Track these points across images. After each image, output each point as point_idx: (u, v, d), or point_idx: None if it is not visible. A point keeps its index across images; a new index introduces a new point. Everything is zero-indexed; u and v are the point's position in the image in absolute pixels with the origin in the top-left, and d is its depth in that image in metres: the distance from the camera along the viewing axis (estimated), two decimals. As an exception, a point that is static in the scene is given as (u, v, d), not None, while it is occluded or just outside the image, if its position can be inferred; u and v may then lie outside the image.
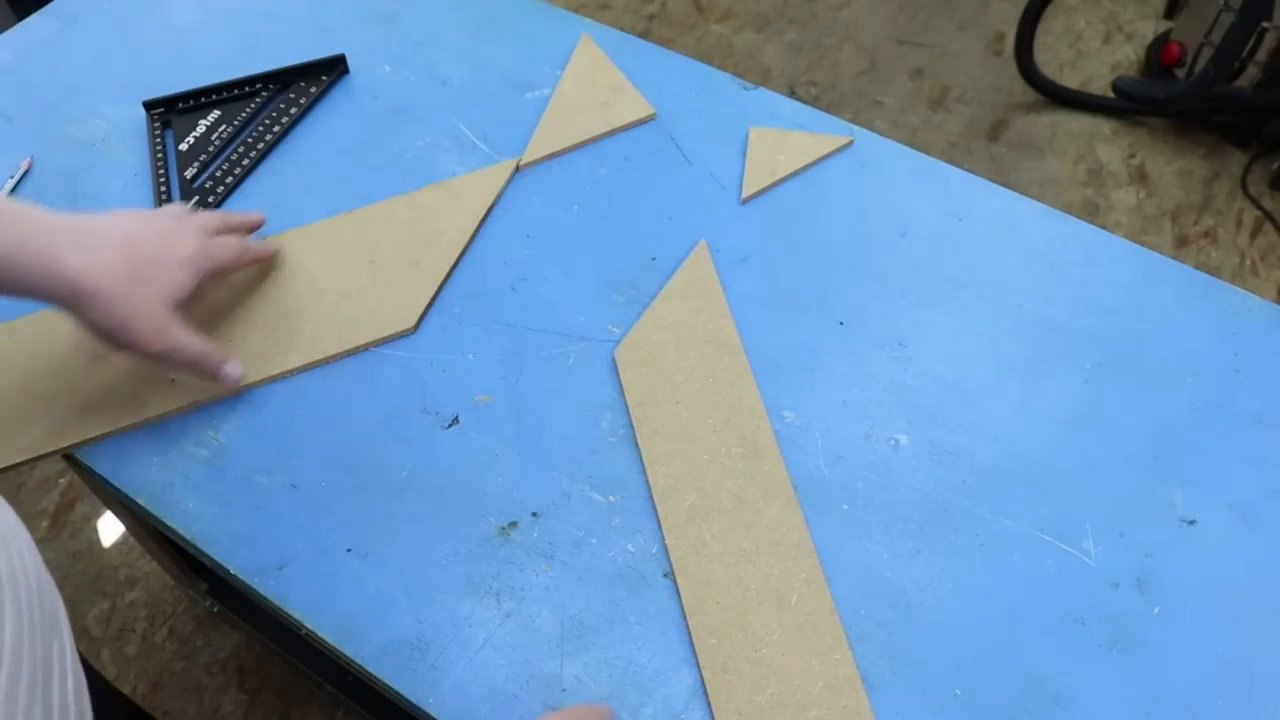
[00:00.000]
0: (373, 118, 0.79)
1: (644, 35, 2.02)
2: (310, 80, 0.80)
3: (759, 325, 0.65)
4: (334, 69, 0.81)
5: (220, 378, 0.59)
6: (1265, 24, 1.59)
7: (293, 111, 0.78)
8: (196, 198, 0.72)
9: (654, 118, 0.78)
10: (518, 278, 0.68)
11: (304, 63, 0.80)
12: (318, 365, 0.63)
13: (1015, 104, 1.92)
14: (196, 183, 0.73)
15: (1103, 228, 0.70)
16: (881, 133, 0.77)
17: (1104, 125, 1.87)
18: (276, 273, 0.68)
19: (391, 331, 0.64)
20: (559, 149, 0.75)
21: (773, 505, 0.56)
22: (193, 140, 0.76)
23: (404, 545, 0.56)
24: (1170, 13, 2.01)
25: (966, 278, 0.67)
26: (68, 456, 0.60)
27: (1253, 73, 1.68)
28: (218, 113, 0.78)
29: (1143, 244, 0.69)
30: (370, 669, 0.51)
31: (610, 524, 0.56)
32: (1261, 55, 1.65)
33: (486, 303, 0.67)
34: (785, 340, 0.64)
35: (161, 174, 0.74)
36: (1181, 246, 1.68)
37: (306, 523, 0.56)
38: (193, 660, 1.24)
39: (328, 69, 0.81)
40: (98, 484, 0.61)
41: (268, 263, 0.67)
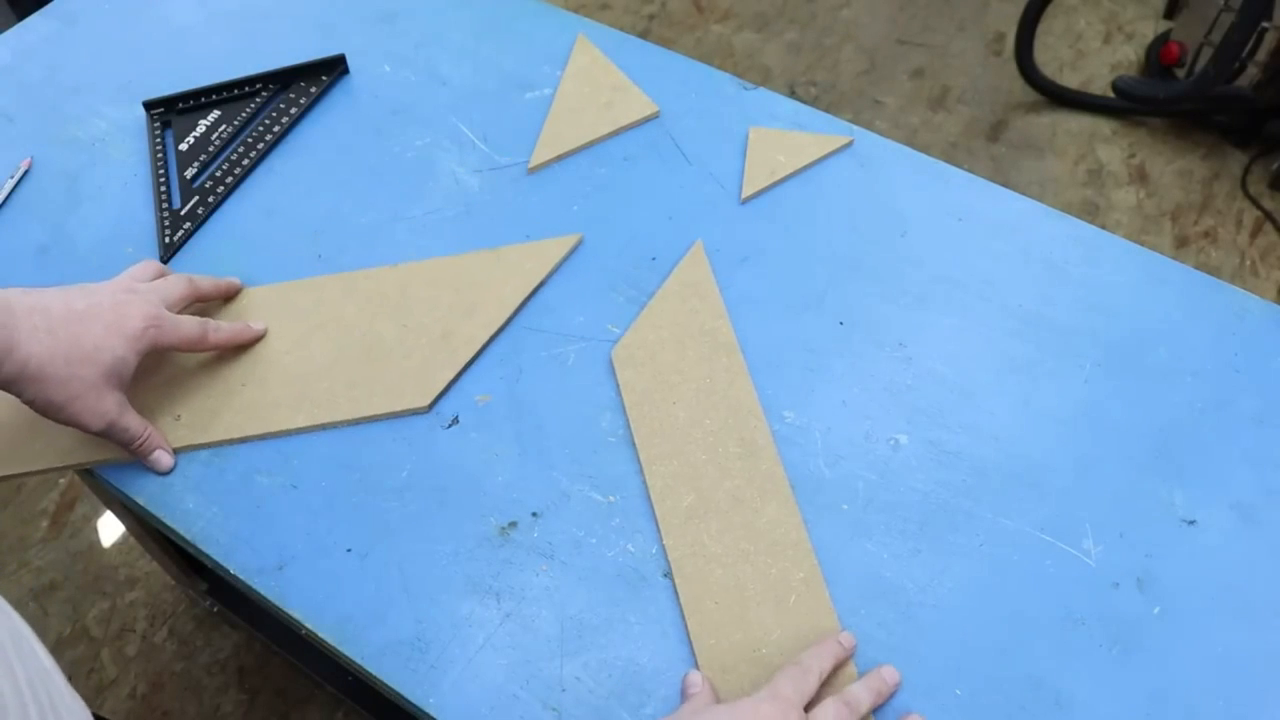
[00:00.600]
0: (373, 118, 0.79)
1: (644, 35, 2.02)
2: (310, 80, 0.80)
3: (759, 325, 0.65)
4: (334, 69, 0.81)
5: (149, 464, 0.58)
6: (1265, 24, 1.59)
7: (293, 111, 0.78)
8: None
9: (658, 115, 0.78)
10: (518, 278, 0.68)
11: (304, 63, 0.80)
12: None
13: (1015, 104, 1.92)
14: (196, 183, 0.73)
15: (1103, 228, 0.70)
16: (881, 133, 0.77)
17: (1104, 125, 1.87)
18: (303, 316, 0.65)
19: (404, 407, 0.60)
20: (566, 150, 0.75)
21: (770, 505, 0.56)
22: (193, 140, 0.76)
23: (404, 545, 0.56)
24: (1170, 13, 2.01)
25: (966, 278, 0.67)
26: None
27: (1253, 73, 1.68)
28: (218, 113, 0.78)
29: (1143, 244, 0.69)
30: (370, 669, 0.51)
31: (610, 524, 0.56)
32: (1261, 55, 1.65)
33: (486, 303, 0.66)
34: (785, 340, 0.64)
35: (161, 174, 0.74)
36: (1181, 246, 1.68)
37: (306, 523, 0.56)
38: (193, 660, 1.24)
39: (328, 69, 0.81)
40: (98, 484, 0.61)
41: (243, 343, 0.63)
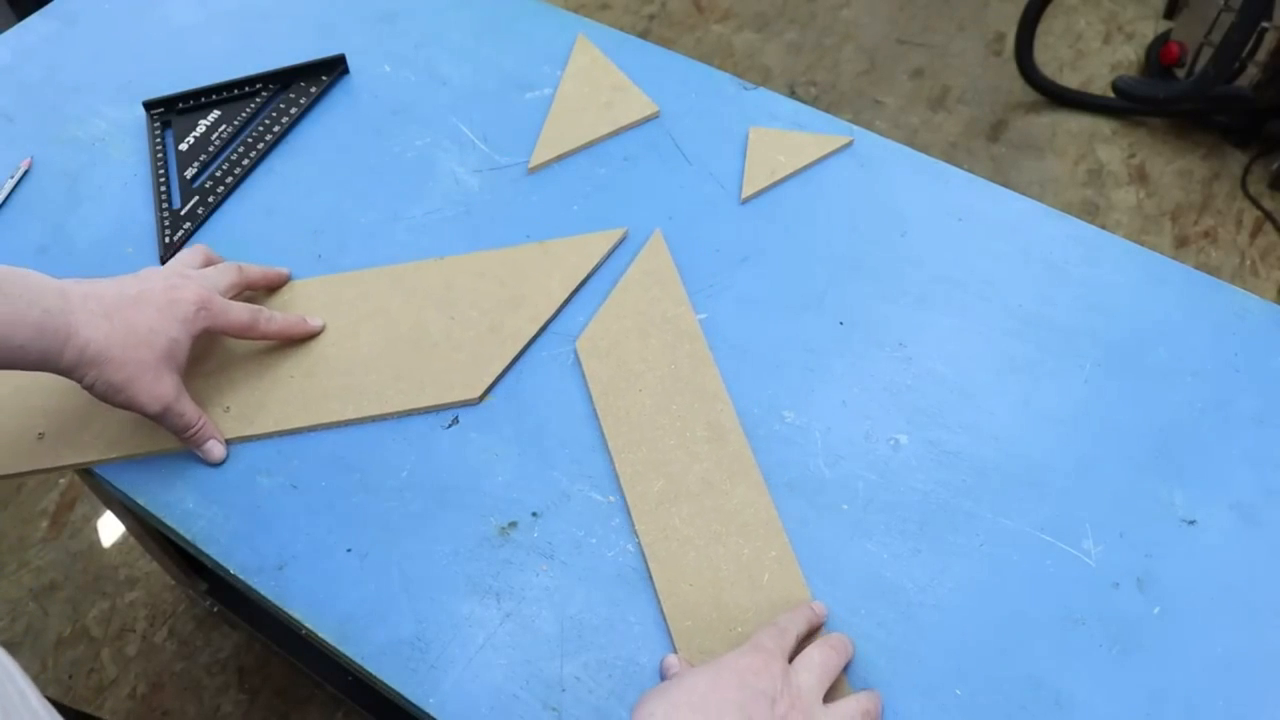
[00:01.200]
0: (373, 118, 0.79)
1: (644, 35, 2.02)
2: (310, 80, 0.80)
3: (759, 325, 0.65)
4: (334, 69, 0.81)
5: (201, 454, 0.58)
6: (1265, 24, 1.59)
7: (293, 111, 0.78)
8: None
9: (658, 115, 0.78)
10: (518, 278, 0.68)
11: (304, 63, 0.80)
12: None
13: (1015, 104, 1.92)
14: (196, 183, 0.73)
15: (1103, 228, 0.70)
16: (881, 133, 0.77)
17: (1104, 125, 1.87)
18: (350, 308, 0.65)
19: (456, 399, 0.61)
20: (566, 150, 0.75)
21: (740, 487, 0.57)
22: (193, 140, 0.76)
23: (404, 545, 0.56)
24: (1170, 13, 2.01)
25: (966, 278, 0.67)
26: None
27: (1253, 73, 1.68)
28: (218, 113, 0.78)
29: (1143, 244, 0.69)
30: (370, 669, 0.51)
31: (610, 524, 0.56)
32: (1261, 55, 1.65)
33: (486, 303, 0.66)
34: (785, 340, 0.64)
35: (161, 174, 0.74)
36: (1181, 246, 1.68)
37: (306, 523, 0.56)
38: (193, 660, 1.24)
39: (328, 69, 0.81)
40: (98, 484, 0.61)
41: (297, 336, 0.63)
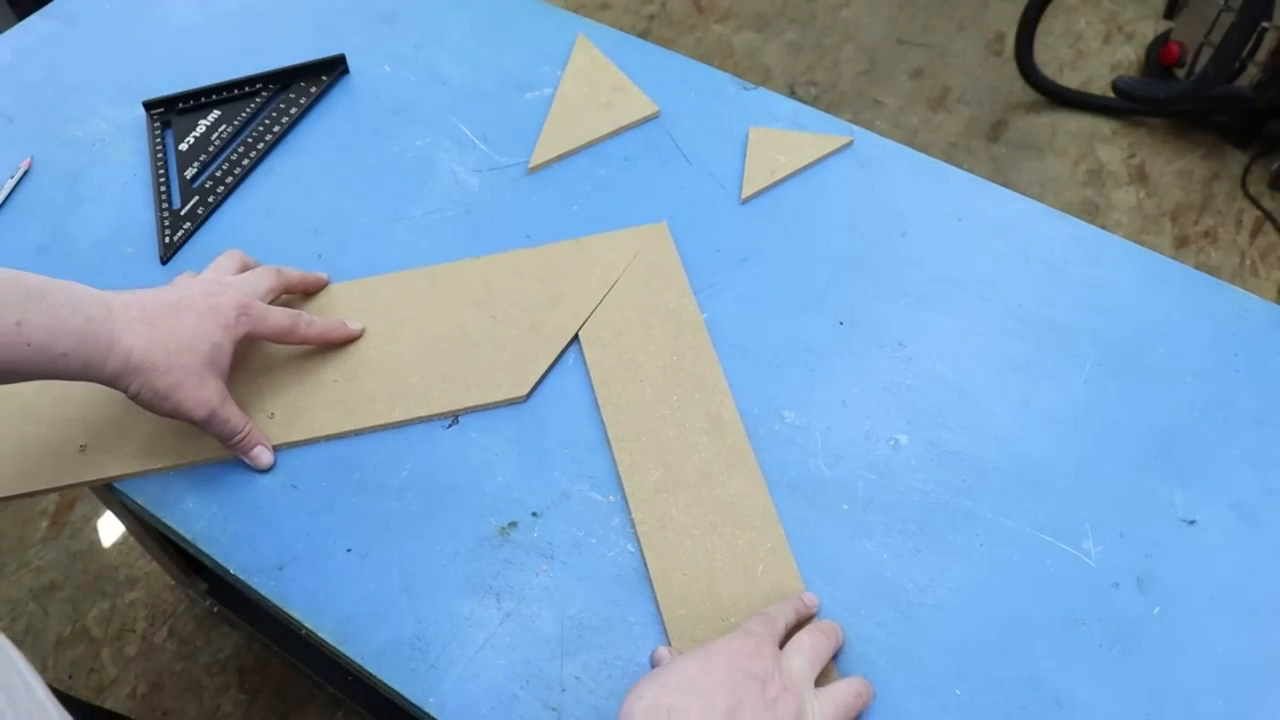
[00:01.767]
0: (373, 118, 0.79)
1: (644, 35, 2.02)
2: (310, 80, 0.80)
3: (759, 325, 0.65)
4: (334, 69, 0.81)
5: (249, 460, 0.58)
6: (1265, 24, 1.59)
7: (293, 111, 0.78)
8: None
9: (658, 115, 0.78)
10: (518, 278, 0.68)
11: (304, 63, 0.80)
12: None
13: (1015, 104, 1.92)
14: (196, 183, 0.73)
15: (1103, 228, 0.70)
16: (881, 133, 0.77)
17: (1104, 125, 1.87)
18: (388, 311, 0.65)
19: (502, 397, 0.60)
20: (566, 150, 0.75)
21: (737, 478, 0.57)
22: (193, 140, 0.76)
23: (404, 545, 0.56)
24: (1170, 13, 2.01)
25: (966, 278, 0.67)
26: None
27: (1253, 73, 1.68)
28: (218, 113, 0.78)
29: (1143, 244, 0.69)
30: (370, 669, 0.51)
31: (610, 524, 0.56)
32: (1261, 55, 1.65)
33: (486, 303, 0.66)
34: (785, 340, 0.64)
35: (161, 174, 0.74)
36: (1181, 246, 1.68)
37: (306, 523, 0.56)
38: (193, 660, 1.24)
39: (328, 69, 0.81)
40: (98, 484, 0.61)
41: (337, 340, 0.63)
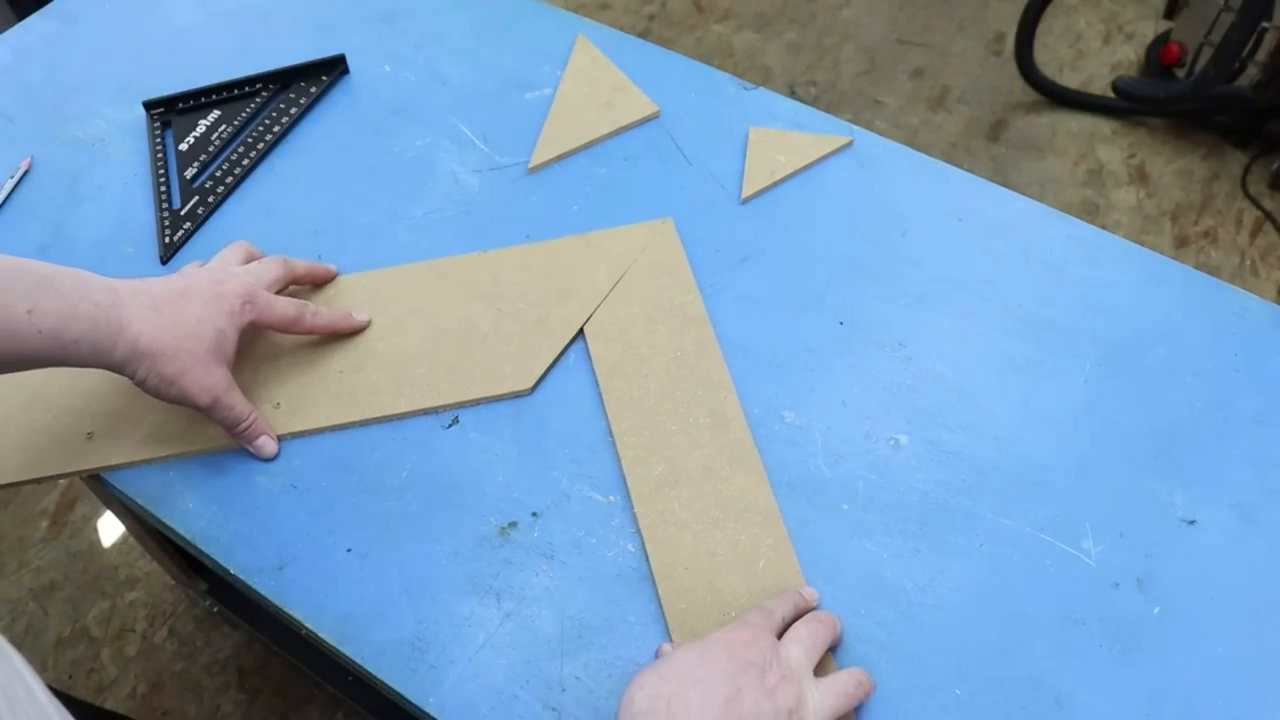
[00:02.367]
0: (373, 118, 0.79)
1: (644, 35, 2.02)
2: (310, 80, 0.80)
3: (759, 325, 0.65)
4: (334, 69, 0.81)
5: (253, 450, 0.58)
6: (1265, 24, 1.59)
7: (293, 111, 0.78)
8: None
9: (658, 115, 0.78)
10: (518, 278, 0.68)
11: (304, 63, 0.80)
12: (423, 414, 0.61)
13: (1015, 104, 1.92)
14: (196, 183, 0.73)
15: (1103, 228, 0.70)
16: (881, 133, 0.77)
17: (1104, 125, 1.87)
18: (395, 303, 0.65)
19: (507, 390, 0.61)
20: (566, 150, 0.75)
21: (739, 474, 0.57)
22: (193, 140, 0.76)
23: (404, 545, 0.56)
24: (1170, 13, 2.01)
25: (966, 278, 0.67)
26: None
27: (1253, 73, 1.68)
28: (218, 113, 0.78)
29: (1143, 244, 0.69)
30: (370, 669, 0.51)
31: (610, 524, 0.56)
32: (1261, 55, 1.65)
33: (486, 303, 0.66)
34: (785, 340, 0.64)
35: (161, 174, 0.74)
36: (1181, 246, 1.68)
37: (306, 523, 0.56)
38: (193, 660, 1.24)
39: (328, 69, 0.81)
40: (98, 484, 0.61)
41: (343, 331, 0.63)
